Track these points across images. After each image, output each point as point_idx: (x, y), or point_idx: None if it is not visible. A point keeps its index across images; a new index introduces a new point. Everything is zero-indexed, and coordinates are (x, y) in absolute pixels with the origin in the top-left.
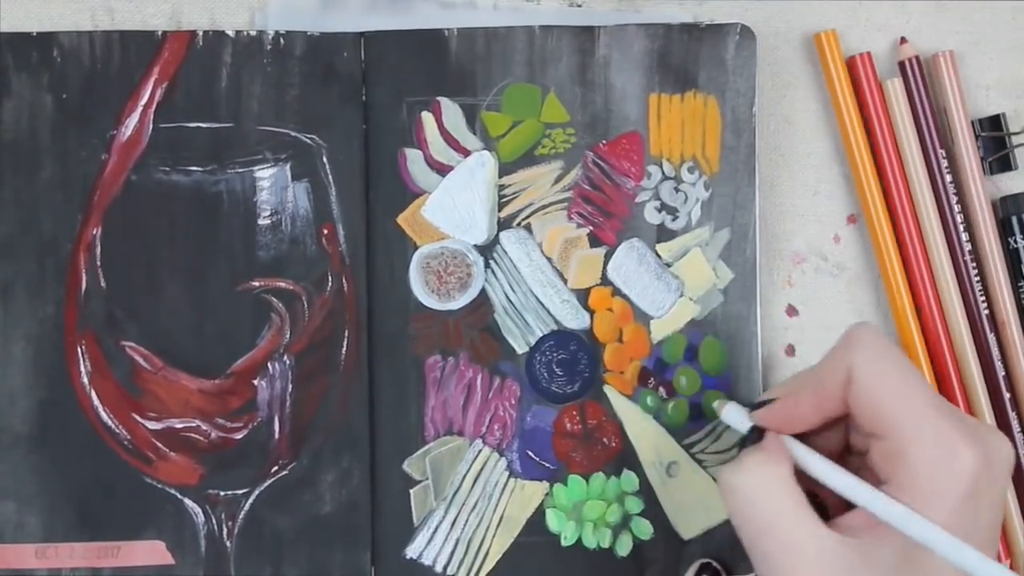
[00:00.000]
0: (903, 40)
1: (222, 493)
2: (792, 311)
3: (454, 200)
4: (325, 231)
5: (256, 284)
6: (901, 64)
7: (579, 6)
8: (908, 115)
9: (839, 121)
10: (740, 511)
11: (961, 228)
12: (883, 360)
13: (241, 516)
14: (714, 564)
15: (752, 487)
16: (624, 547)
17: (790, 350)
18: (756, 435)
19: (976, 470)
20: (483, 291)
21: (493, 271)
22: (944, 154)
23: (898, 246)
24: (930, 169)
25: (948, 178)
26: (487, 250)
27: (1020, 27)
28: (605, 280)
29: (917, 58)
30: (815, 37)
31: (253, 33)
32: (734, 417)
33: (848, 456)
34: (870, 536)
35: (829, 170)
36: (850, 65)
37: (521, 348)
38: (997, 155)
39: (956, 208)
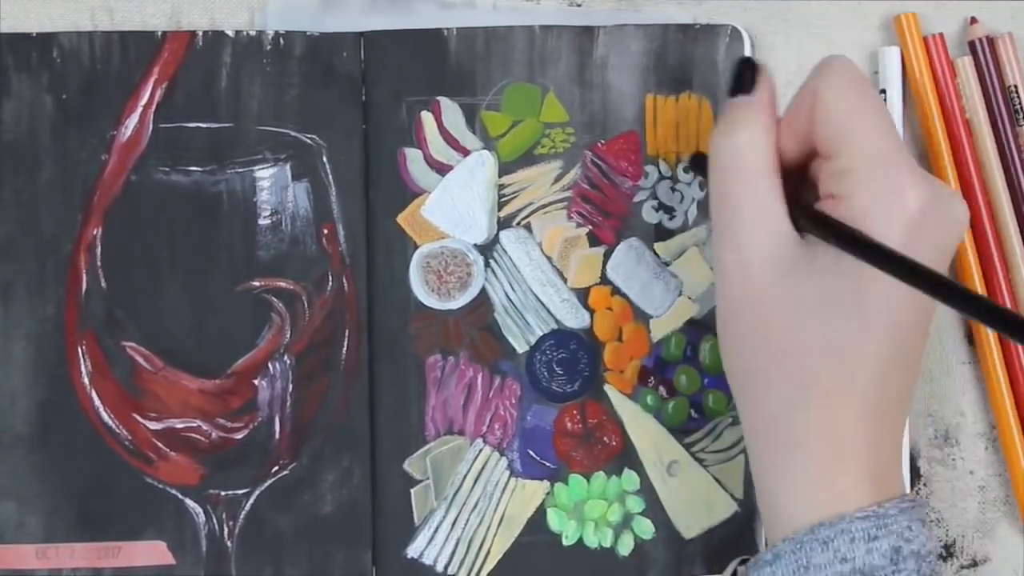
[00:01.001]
0: (973, 20)
1: (223, 493)
2: None
3: (454, 200)
4: (325, 231)
5: (256, 284)
6: (971, 43)
7: (578, 5)
8: (979, 93)
9: (917, 101)
10: (716, 175)
11: None
12: (848, 82)
13: (242, 516)
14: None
15: (739, 150)
16: (625, 546)
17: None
18: (749, 80)
19: (921, 209)
20: (483, 290)
21: (493, 270)
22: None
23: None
24: (1000, 146)
25: (1018, 155)
26: (487, 249)
27: None
28: (604, 279)
29: (989, 38)
30: (895, 19)
31: (253, 33)
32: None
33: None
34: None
35: None
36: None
37: (521, 347)
38: None
39: None
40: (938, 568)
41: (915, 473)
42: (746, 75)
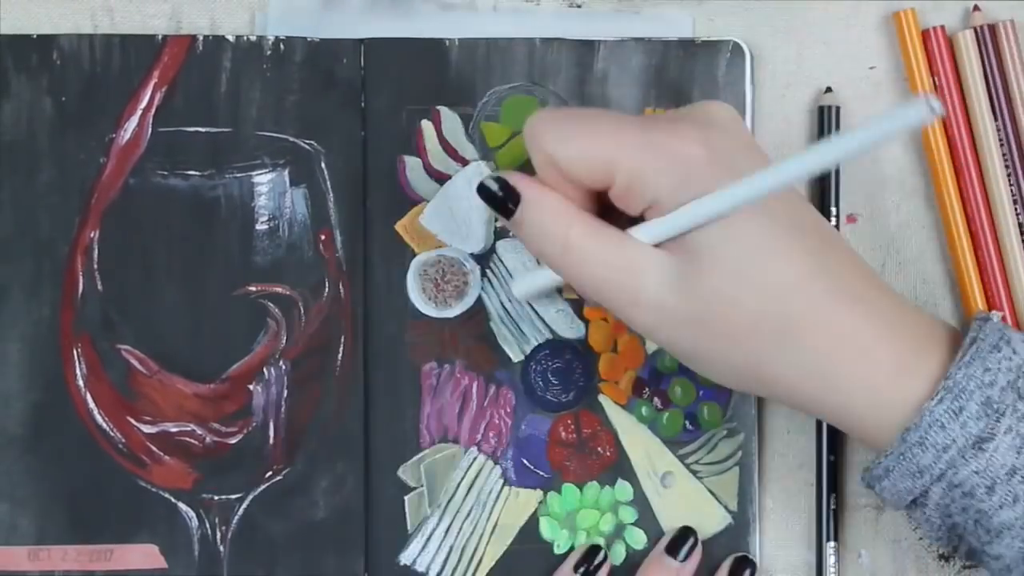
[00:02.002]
0: (976, 7)
1: (216, 497)
2: None
3: (452, 209)
4: (323, 237)
5: (253, 289)
6: (973, 31)
7: (579, 7)
8: (981, 79)
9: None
10: (571, 271)
11: None
12: (565, 127)
13: (235, 521)
14: (750, 556)
15: (567, 245)
16: (617, 556)
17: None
18: (507, 196)
19: (696, 149)
20: (479, 299)
21: (490, 280)
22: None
23: (966, 219)
24: (1000, 133)
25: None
26: (484, 259)
27: None
28: None
29: (990, 25)
30: (893, 16)
31: (253, 38)
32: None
33: None
34: (691, 246)
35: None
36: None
37: (517, 357)
38: None
39: None
40: None
41: None
42: (505, 193)
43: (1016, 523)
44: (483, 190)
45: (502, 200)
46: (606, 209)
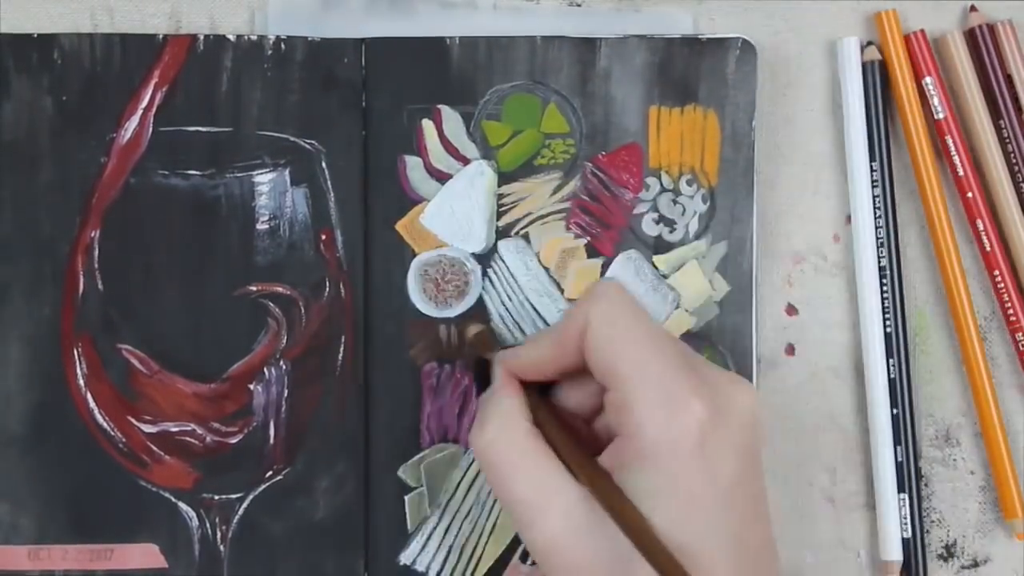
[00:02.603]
0: (973, 8)
1: (216, 497)
2: (792, 311)
3: (453, 208)
4: (323, 237)
5: (253, 289)
6: (971, 31)
7: (578, 5)
8: (975, 82)
9: (897, 100)
10: (489, 472)
11: None
12: (617, 310)
13: (235, 520)
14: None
15: (495, 448)
16: None
17: (790, 350)
18: (486, 376)
19: (703, 421)
20: (480, 299)
21: (491, 280)
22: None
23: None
24: (1000, 134)
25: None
26: (485, 259)
27: None
28: None
29: (989, 25)
30: (875, 16)
31: (254, 38)
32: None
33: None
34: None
35: (829, 170)
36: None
37: None
38: None
39: None
40: None
41: (916, 473)
42: (483, 373)
43: None
44: (478, 362)
45: (483, 377)
46: None
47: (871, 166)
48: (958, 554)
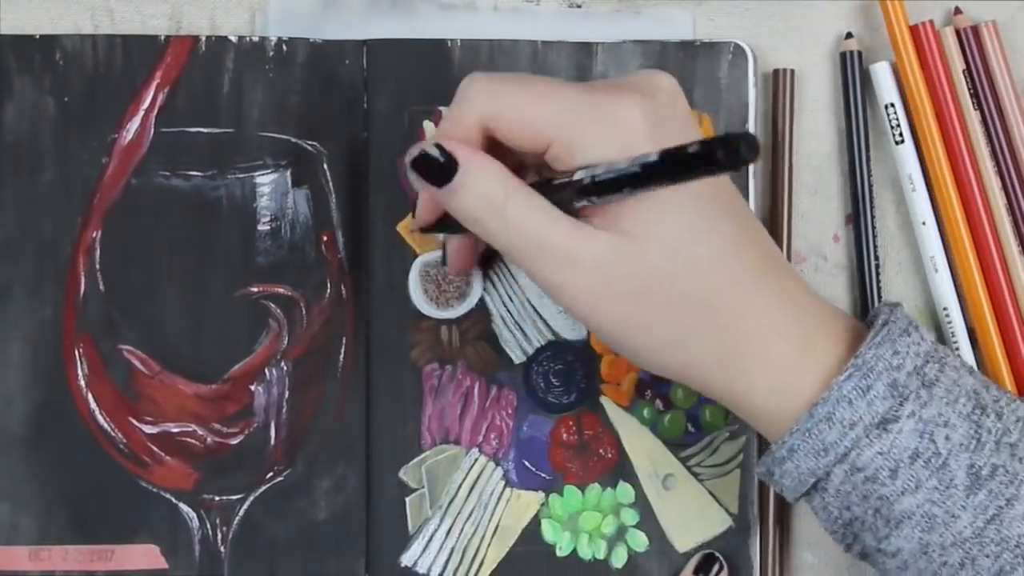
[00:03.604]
0: (957, 11)
1: (217, 498)
2: None
3: None
4: (325, 238)
5: (255, 290)
6: (956, 33)
7: (579, 6)
8: (964, 78)
9: (905, 85)
10: (503, 239)
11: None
12: (502, 87)
13: (236, 522)
14: (716, 553)
15: (512, 208)
16: (619, 559)
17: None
18: (446, 168)
19: (639, 114)
20: (481, 300)
21: (492, 281)
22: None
23: (963, 205)
24: (988, 133)
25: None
26: (486, 260)
27: None
28: None
29: (974, 28)
30: (880, 3)
31: (255, 39)
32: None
33: None
34: (622, 224)
35: (829, 170)
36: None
37: (518, 358)
38: None
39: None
40: (943, 353)
41: None
42: (442, 161)
43: (917, 511)
44: (421, 158)
45: (443, 166)
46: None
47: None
48: None
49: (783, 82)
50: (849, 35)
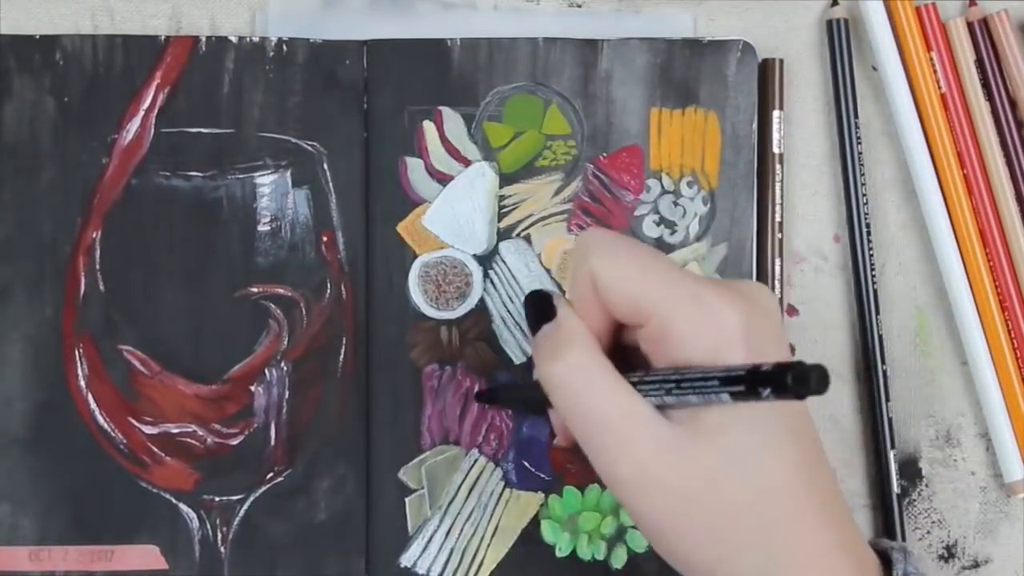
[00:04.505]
0: (972, 2)
1: (217, 499)
2: (792, 311)
3: (454, 210)
4: (325, 238)
5: (255, 290)
6: (969, 25)
7: (579, 6)
8: (974, 68)
9: (910, 71)
10: (567, 400)
11: None
12: (614, 253)
13: (236, 522)
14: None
15: (575, 376)
16: (619, 559)
17: (790, 350)
18: (549, 310)
19: (739, 320)
20: (481, 301)
21: (492, 281)
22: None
23: (970, 197)
24: (999, 126)
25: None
26: (486, 260)
27: None
28: None
29: (984, 20)
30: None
31: (255, 40)
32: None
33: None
34: (694, 423)
35: (829, 170)
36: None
37: (518, 358)
38: None
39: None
40: None
41: (916, 474)
42: (543, 306)
43: None
44: (530, 299)
45: (540, 312)
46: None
47: (853, 123)
48: (959, 555)
49: (771, 72)
50: (835, 2)
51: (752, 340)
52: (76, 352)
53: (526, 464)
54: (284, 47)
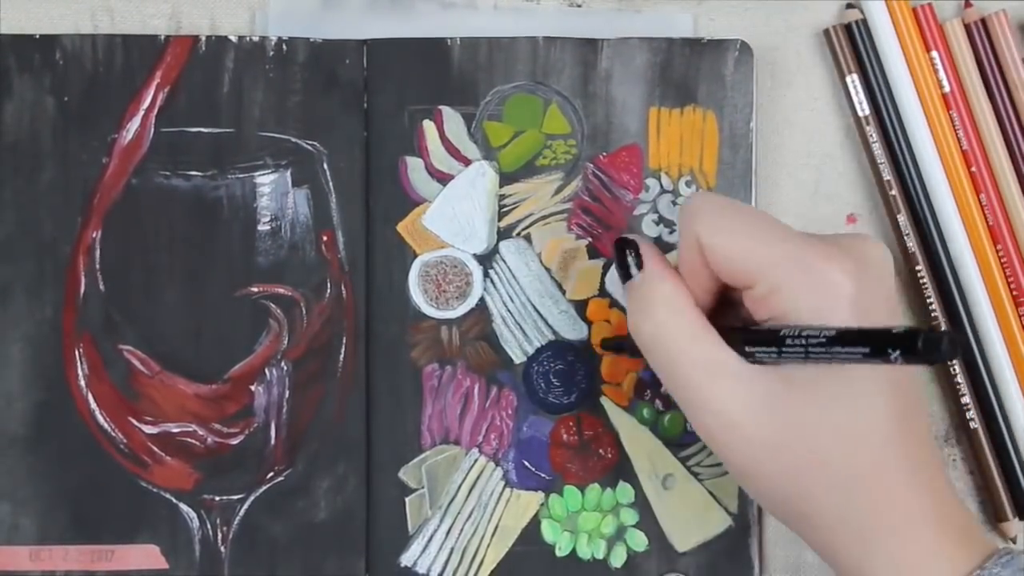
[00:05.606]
0: (968, 3)
1: (217, 498)
2: None
3: (454, 209)
4: (325, 238)
5: (255, 290)
6: (967, 27)
7: (579, 6)
8: (974, 67)
9: (911, 71)
10: (659, 357)
11: None
12: (723, 217)
13: (236, 522)
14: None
15: (667, 331)
16: (618, 558)
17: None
18: (636, 261)
19: (848, 280)
20: (481, 300)
21: (492, 281)
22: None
23: (975, 192)
24: (1002, 126)
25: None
26: (486, 259)
27: None
28: (603, 291)
29: (982, 19)
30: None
31: (256, 39)
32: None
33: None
34: (783, 375)
35: (829, 170)
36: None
37: (519, 358)
38: None
39: None
40: None
41: None
42: (630, 258)
43: None
44: (620, 245)
45: (629, 263)
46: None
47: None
48: None
49: (836, 39)
50: (850, 5)
51: (860, 303)
52: (76, 352)
53: (526, 464)
54: (284, 46)
